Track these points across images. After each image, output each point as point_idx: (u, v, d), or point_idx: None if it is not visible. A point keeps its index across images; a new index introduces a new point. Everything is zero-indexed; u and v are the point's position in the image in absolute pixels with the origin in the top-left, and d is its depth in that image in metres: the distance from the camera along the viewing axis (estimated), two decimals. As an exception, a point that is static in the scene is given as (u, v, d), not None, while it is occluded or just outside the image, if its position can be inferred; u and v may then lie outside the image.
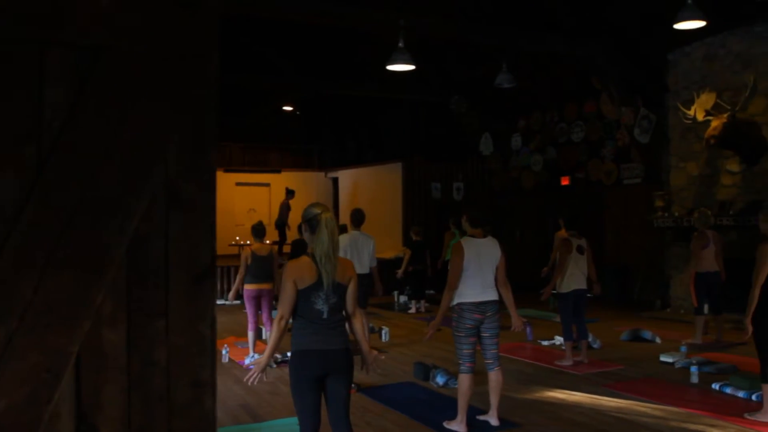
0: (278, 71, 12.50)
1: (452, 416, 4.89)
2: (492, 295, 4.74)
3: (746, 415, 5.00)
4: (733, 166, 9.67)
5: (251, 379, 3.55)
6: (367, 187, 15.34)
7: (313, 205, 3.60)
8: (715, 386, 5.83)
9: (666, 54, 10.63)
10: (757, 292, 4.82)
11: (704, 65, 10.06)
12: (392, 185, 14.46)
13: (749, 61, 9.39)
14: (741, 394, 5.55)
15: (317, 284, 3.43)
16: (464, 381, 4.74)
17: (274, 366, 6.82)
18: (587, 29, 10.39)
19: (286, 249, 12.62)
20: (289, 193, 14.43)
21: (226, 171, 15.43)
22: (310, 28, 11.06)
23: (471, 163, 14.92)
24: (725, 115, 9.00)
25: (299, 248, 9.85)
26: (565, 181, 13.10)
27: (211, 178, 1.31)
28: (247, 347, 7.43)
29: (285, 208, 14.26)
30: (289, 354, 3.79)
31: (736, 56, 9.60)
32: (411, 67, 9.36)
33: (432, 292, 12.23)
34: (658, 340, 8.04)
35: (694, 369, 6.12)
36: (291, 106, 14.40)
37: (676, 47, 10.41)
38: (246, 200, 15.37)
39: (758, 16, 9.12)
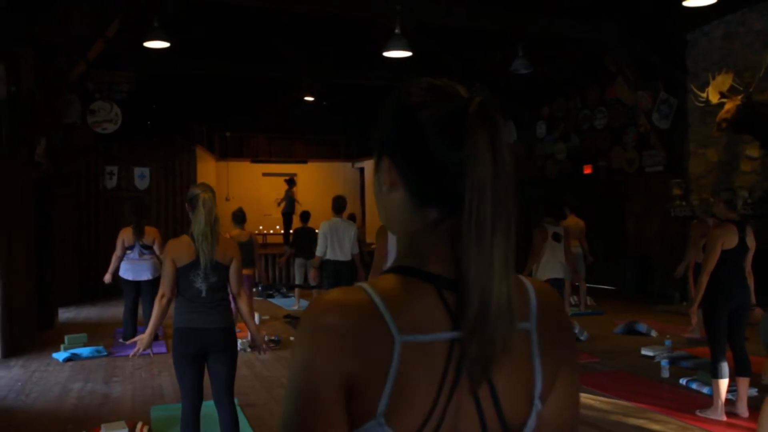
0: (296, 62, 12.58)
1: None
2: None
3: (698, 412, 4.71)
4: (753, 151, 9.09)
5: (135, 356, 3.61)
6: (392, 177, 15.21)
7: (196, 185, 3.62)
8: (683, 381, 5.53)
9: (685, 34, 10.08)
10: (705, 279, 4.52)
11: (724, 45, 9.48)
12: (414, 175, 14.30)
13: (770, 39, 8.78)
14: (706, 390, 5.22)
15: (195, 263, 3.45)
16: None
17: (249, 350, 6.89)
18: (601, 11, 9.97)
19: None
20: (289, 183, 14.35)
21: (253, 161, 15.72)
22: (328, 19, 11.05)
23: (495, 152, 14.59)
24: (739, 97, 8.47)
25: (300, 237, 9.95)
26: (587, 170, 12.65)
27: None
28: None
29: (288, 198, 14.23)
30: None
31: (757, 34, 9.00)
32: (408, 54, 9.24)
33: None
34: (653, 333, 7.68)
35: (664, 363, 5.82)
36: (312, 97, 14.51)
37: (696, 27, 9.85)
38: (273, 190, 15.58)
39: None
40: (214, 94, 13.76)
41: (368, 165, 16.26)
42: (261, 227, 14.78)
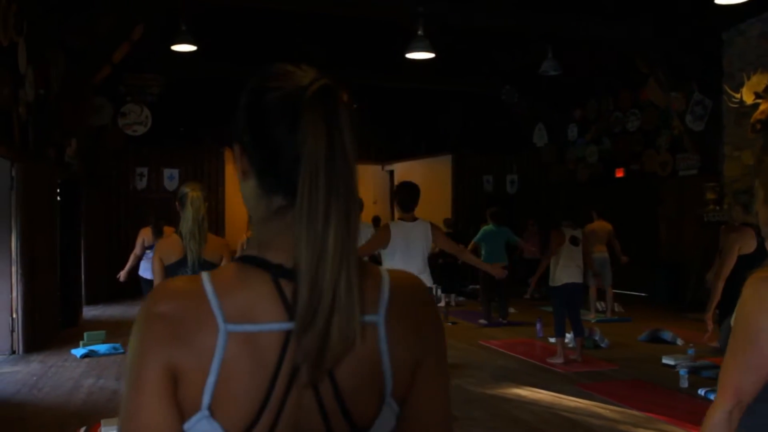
0: (323, 65, 12.61)
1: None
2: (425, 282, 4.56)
3: (712, 424, 4.49)
4: (790, 154, 8.70)
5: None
6: (420, 179, 15.05)
7: (186, 184, 3.63)
8: (701, 392, 5.30)
9: (720, 33, 9.72)
10: (720, 285, 4.32)
11: (760, 44, 9.11)
12: (443, 178, 14.25)
13: (809, 37, 8.41)
14: (725, 401, 4.99)
15: (182, 261, 3.45)
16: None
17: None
18: (633, 10, 9.70)
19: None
20: None
21: (283, 164, 15.83)
22: (355, 22, 11.02)
23: (526, 156, 14.40)
24: (775, 98, 8.14)
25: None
26: (619, 173, 12.34)
27: None
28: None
29: None
30: None
31: (795, 32, 8.63)
32: (430, 55, 9.16)
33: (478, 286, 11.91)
34: (679, 341, 7.40)
35: (683, 372, 5.59)
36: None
37: (731, 25, 9.50)
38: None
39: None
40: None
41: (398, 167, 16.19)
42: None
